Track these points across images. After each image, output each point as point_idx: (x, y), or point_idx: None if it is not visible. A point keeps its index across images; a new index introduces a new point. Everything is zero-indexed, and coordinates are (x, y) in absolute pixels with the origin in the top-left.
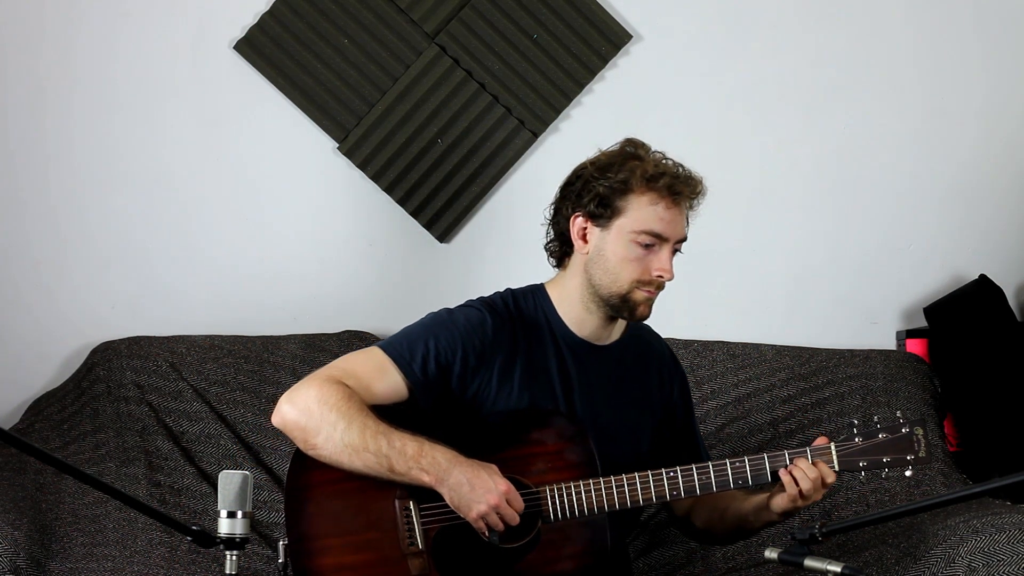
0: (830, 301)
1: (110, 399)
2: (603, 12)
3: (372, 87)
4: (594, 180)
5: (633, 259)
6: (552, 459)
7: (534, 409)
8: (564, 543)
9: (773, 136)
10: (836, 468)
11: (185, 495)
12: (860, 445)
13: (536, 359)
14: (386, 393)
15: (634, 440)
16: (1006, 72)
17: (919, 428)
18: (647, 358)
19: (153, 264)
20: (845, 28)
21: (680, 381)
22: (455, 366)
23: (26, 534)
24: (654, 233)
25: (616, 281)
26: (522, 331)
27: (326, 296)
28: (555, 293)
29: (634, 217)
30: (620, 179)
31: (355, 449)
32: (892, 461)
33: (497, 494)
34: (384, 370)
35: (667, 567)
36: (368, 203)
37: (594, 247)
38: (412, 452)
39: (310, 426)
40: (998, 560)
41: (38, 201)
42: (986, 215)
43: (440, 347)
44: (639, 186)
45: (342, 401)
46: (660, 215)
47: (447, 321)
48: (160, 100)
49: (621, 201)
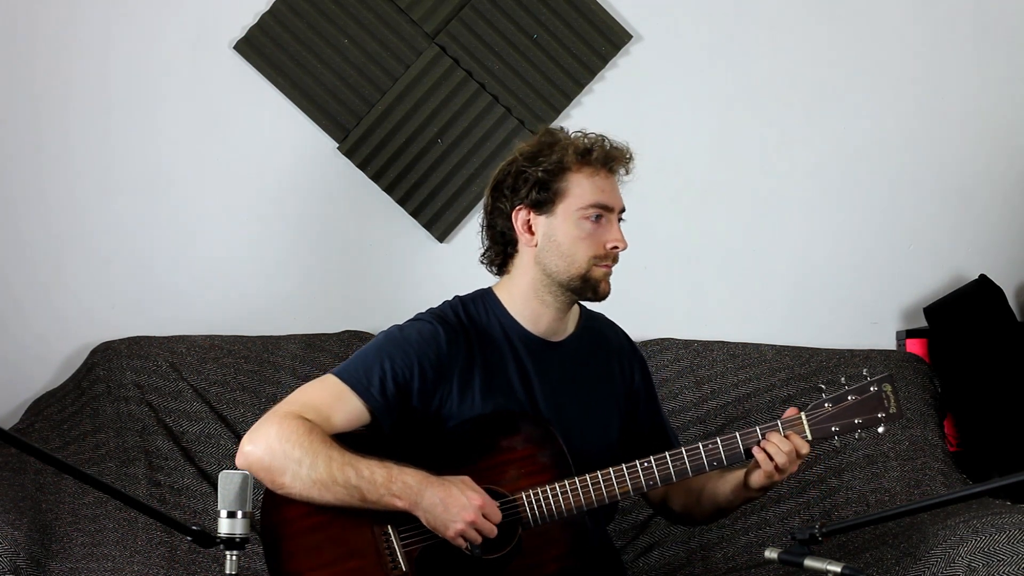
0: (830, 301)
1: (110, 399)
2: (603, 12)
3: (372, 87)
4: (527, 170)
5: (585, 236)
6: (524, 464)
7: (498, 414)
8: (547, 546)
9: (773, 136)
10: (809, 438)
11: (185, 495)
12: (830, 411)
13: (493, 365)
14: (347, 421)
15: (602, 432)
16: (1006, 72)
17: (887, 384)
18: (605, 348)
19: (153, 264)
20: (845, 28)
21: (640, 366)
22: (414, 383)
23: (26, 534)
24: (600, 205)
25: (574, 262)
26: (476, 338)
27: (326, 296)
28: (504, 294)
29: (577, 194)
30: (554, 160)
31: (324, 484)
32: (864, 422)
33: (472, 509)
34: (342, 398)
35: (667, 567)
36: (368, 203)
37: (543, 236)
38: (381, 479)
39: (275, 465)
40: (998, 560)
41: (38, 201)
42: (986, 215)
43: (396, 366)
44: (574, 163)
45: (303, 436)
46: (601, 187)
47: (399, 339)
48: (160, 100)
49: (561, 183)
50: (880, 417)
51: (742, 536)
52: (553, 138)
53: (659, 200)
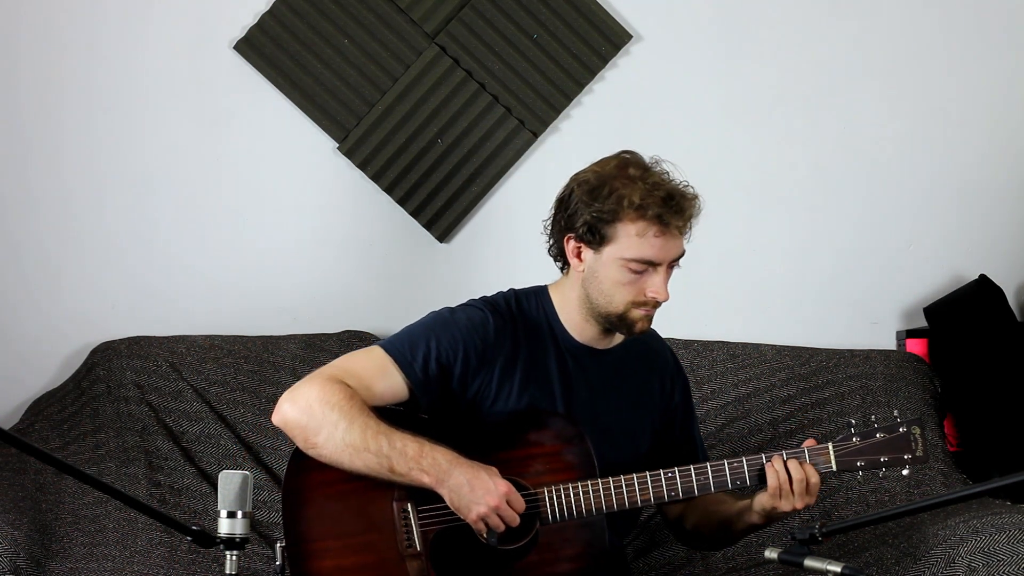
0: (830, 301)
1: (110, 399)
2: (603, 12)
3: (372, 87)
4: (583, 205)
5: (626, 283)
6: (550, 460)
7: (533, 410)
8: (562, 544)
9: (773, 136)
10: (835, 468)
11: (185, 495)
12: (858, 445)
13: (537, 360)
14: (387, 392)
15: (633, 443)
16: (1006, 72)
17: (916, 428)
18: (649, 361)
19: (153, 264)
20: (845, 28)
21: (682, 385)
22: (456, 366)
23: (26, 534)
24: (645, 260)
25: (611, 302)
26: (524, 332)
27: (326, 296)
28: (557, 297)
29: (624, 245)
30: (608, 208)
31: (356, 449)
32: (890, 461)
33: (497, 495)
34: (385, 370)
35: (667, 567)
36: (368, 203)
37: (588, 267)
38: (413, 453)
39: (311, 425)
40: (998, 560)
41: (38, 201)
42: (986, 215)
43: (442, 347)
44: (627, 214)
45: (344, 400)
46: (650, 243)
47: (449, 321)
48: (160, 100)
49: (610, 229)
50: (906, 459)
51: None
52: (623, 175)
53: None
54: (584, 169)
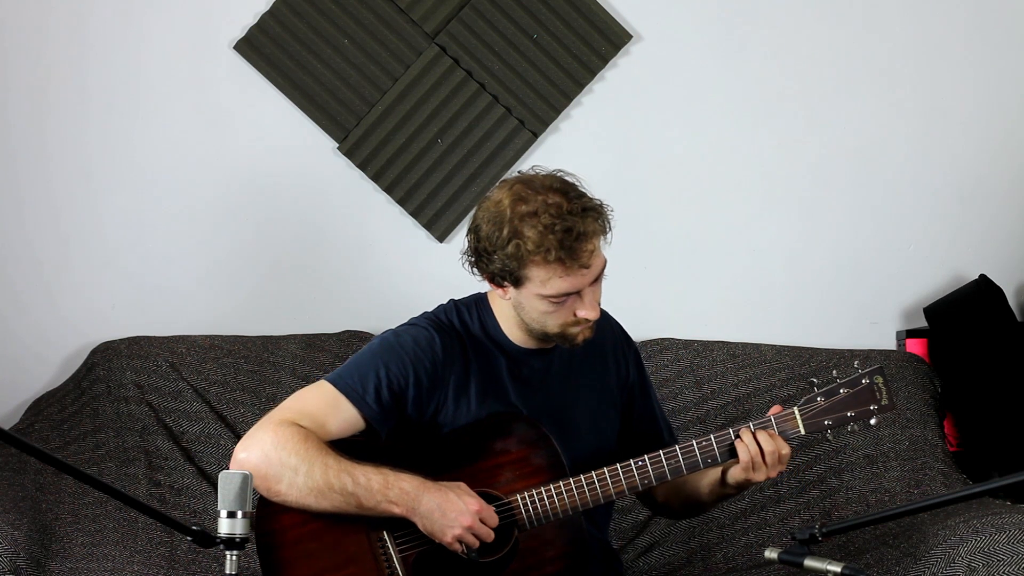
0: (830, 301)
1: (110, 399)
2: (603, 12)
3: (372, 87)
4: (487, 254)
5: (553, 311)
6: (519, 466)
7: (492, 417)
8: (543, 548)
9: (773, 136)
10: (802, 432)
11: (185, 495)
12: (823, 404)
13: (489, 371)
14: (342, 428)
15: (599, 433)
16: (1006, 72)
17: (879, 376)
18: (599, 345)
19: (153, 264)
20: (845, 28)
21: (635, 358)
22: (409, 390)
23: (26, 534)
24: (562, 294)
25: (545, 326)
26: (471, 345)
27: (326, 296)
28: (497, 306)
29: (538, 285)
30: (511, 254)
31: (320, 492)
32: (856, 415)
33: (469, 515)
34: (337, 406)
35: (667, 567)
36: (368, 203)
37: (514, 299)
38: (378, 486)
39: (270, 473)
40: (998, 560)
41: (38, 201)
42: (986, 215)
43: (391, 374)
44: (530, 260)
45: (299, 443)
46: (560, 281)
47: (395, 345)
48: (160, 100)
49: (520, 272)
50: (872, 409)
51: (742, 536)
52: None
53: (659, 200)
54: (485, 200)
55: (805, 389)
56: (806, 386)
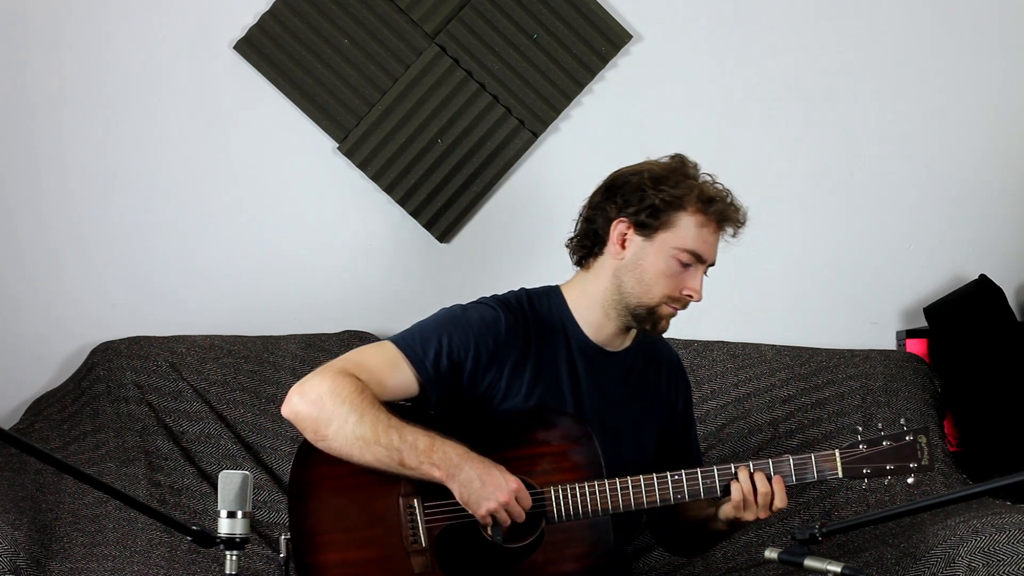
0: (830, 301)
1: (110, 399)
2: (603, 12)
3: (372, 87)
4: (648, 189)
5: (670, 275)
6: (557, 459)
7: (541, 409)
8: (568, 544)
9: (773, 136)
10: (840, 475)
11: (185, 495)
12: (864, 452)
13: (547, 360)
14: (397, 388)
15: (640, 445)
16: (1006, 72)
17: (923, 436)
18: (657, 365)
19: (153, 264)
20: (846, 28)
21: (685, 391)
22: (467, 363)
23: (26, 534)
24: (696, 253)
25: (648, 293)
26: (535, 332)
27: (326, 296)
28: (572, 295)
29: (681, 235)
30: (676, 194)
31: (366, 442)
32: (895, 469)
33: (508, 491)
34: (396, 365)
35: (667, 567)
36: (368, 203)
37: (631, 255)
38: (424, 447)
39: (322, 417)
40: (998, 560)
41: (38, 201)
42: (986, 215)
43: (453, 344)
44: (693, 205)
45: (354, 394)
46: (705, 237)
47: (461, 318)
48: (160, 100)
49: (672, 215)
50: (912, 467)
51: (742, 536)
52: (685, 171)
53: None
54: (632, 165)
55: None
56: (851, 432)
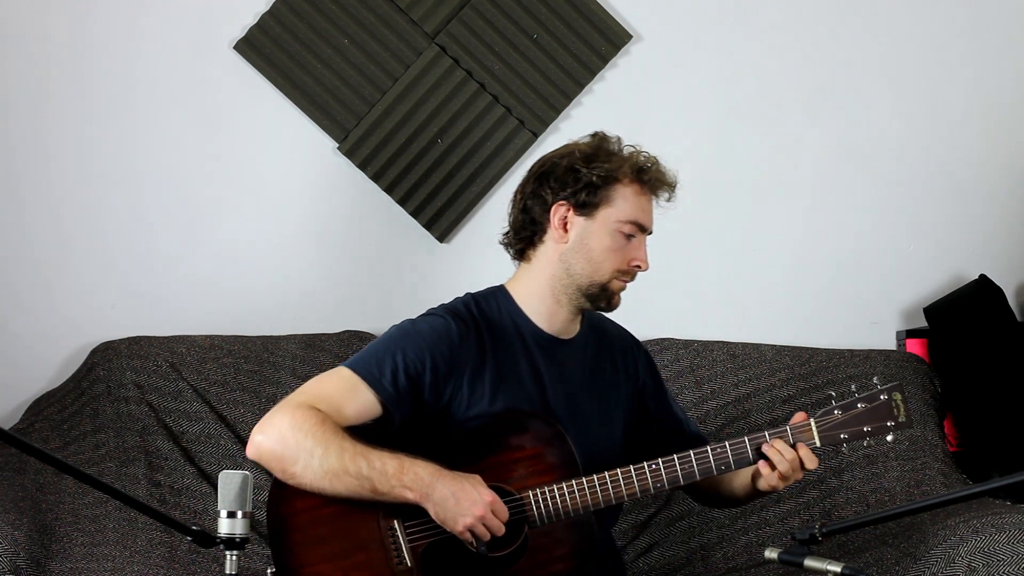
0: (830, 301)
1: (110, 399)
2: (603, 12)
3: (372, 87)
4: (581, 169)
5: (616, 249)
6: (532, 463)
7: (510, 412)
8: (552, 546)
9: (773, 136)
10: (818, 444)
11: (185, 495)
12: (839, 418)
13: (505, 360)
14: (359, 412)
15: (609, 427)
16: (1006, 72)
17: (897, 393)
18: (609, 344)
19: (153, 264)
20: (845, 28)
21: (645, 360)
22: (425, 376)
23: (26, 534)
24: (639, 223)
25: (598, 271)
26: (488, 334)
27: (326, 296)
28: (518, 290)
29: (621, 208)
30: (610, 168)
31: (335, 474)
32: (873, 430)
33: (482, 505)
34: (355, 389)
35: (667, 567)
36: (368, 203)
37: (575, 237)
38: (393, 470)
39: (286, 455)
40: (998, 560)
41: (38, 201)
42: (986, 215)
43: (408, 359)
44: (627, 177)
45: (316, 426)
46: (643, 206)
47: (412, 332)
48: (160, 100)
49: (609, 191)
50: (889, 426)
51: (742, 536)
52: (611, 147)
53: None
54: (556, 149)
55: (823, 401)
56: (824, 399)
